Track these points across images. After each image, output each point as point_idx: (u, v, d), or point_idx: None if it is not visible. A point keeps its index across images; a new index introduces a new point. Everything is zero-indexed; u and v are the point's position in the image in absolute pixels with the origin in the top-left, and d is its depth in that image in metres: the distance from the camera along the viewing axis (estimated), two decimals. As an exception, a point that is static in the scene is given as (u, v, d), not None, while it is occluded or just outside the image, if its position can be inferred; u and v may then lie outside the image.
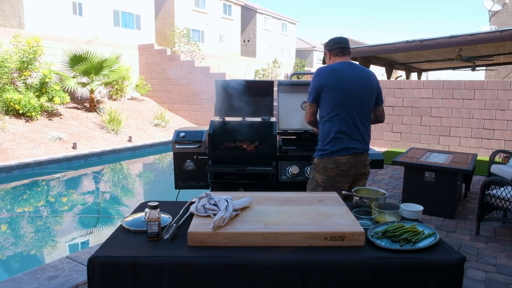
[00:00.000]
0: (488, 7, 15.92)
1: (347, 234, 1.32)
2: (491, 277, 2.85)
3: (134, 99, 13.72)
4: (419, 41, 8.44)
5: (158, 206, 1.36)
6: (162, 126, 12.17)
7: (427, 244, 1.33)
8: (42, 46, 10.31)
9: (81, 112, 11.27)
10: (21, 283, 2.49)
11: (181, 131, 3.11)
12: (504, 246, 3.42)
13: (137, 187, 7.35)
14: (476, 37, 7.84)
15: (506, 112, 7.75)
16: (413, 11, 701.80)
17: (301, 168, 2.78)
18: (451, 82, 8.29)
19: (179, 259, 1.25)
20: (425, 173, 4.17)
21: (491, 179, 3.66)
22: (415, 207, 1.64)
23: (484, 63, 12.17)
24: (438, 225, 3.94)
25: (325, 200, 1.64)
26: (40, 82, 10.03)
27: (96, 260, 1.25)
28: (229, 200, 1.48)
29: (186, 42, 16.59)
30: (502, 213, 3.66)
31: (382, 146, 9.20)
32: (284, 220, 1.41)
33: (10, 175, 7.04)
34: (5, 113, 9.24)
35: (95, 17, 15.95)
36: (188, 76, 13.17)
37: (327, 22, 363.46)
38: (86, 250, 3.10)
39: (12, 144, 8.21)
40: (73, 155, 8.27)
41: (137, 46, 14.38)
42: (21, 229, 4.89)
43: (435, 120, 8.51)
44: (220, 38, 24.94)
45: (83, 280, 2.53)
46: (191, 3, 22.51)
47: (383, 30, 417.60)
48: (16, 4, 13.74)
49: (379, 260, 1.27)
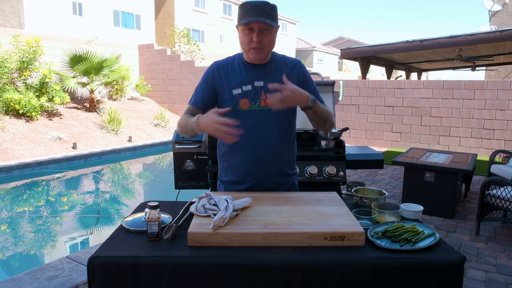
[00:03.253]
0: (488, 7, 15.93)
1: (347, 234, 1.32)
2: (491, 277, 2.86)
3: (134, 99, 13.73)
4: (419, 41, 8.45)
5: (158, 206, 1.36)
6: (162, 126, 12.17)
7: (427, 244, 1.33)
8: (42, 46, 10.31)
9: (81, 112, 11.27)
10: (21, 283, 2.50)
11: (181, 131, 3.11)
12: (504, 246, 3.43)
13: (137, 187, 7.35)
14: (476, 37, 7.85)
15: (506, 112, 7.75)
16: (413, 11, 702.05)
17: (301, 168, 2.78)
18: (451, 82, 8.29)
19: (179, 259, 1.25)
20: (425, 173, 4.18)
21: (491, 179, 3.67)
22: (415, 207, 1.64)
23: (484, 63, 12.17)
24: (438, 225, 3.94)
25: (325, 200, 1.64)
26: (40, 82, 10.04)
27: (96, 260, 1.25)
28: (229, 200, 1.48)
29: (186, 42, 16.59)
30: (502, 213, 3.67)
31: (382, 146, 9.21)
32: (284, 220, 1.41)
33: (10, 175, 7.04)
34: (5, 113, 9.24)
35: (95, 17, 15.95)
36: (188, 76, 13.17)
37: (327, 22, 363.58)
38: (86, 250, 3.10)
39: (12, 144, 8.22)
40: (73, 155, 8.27)
41: (137, 46, 14.38)
42: (21, 229, 4.89)
43: (435, 120, 8.52)
44: (220, 38, 24.95)
45: (83, 280, 2.53)
46: (191, 3, 22.51)
47: (383, 30, 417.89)
48: (16, 4, 13.74)
49: (379, 260, 1.27)
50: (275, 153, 1.72)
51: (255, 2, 1.56)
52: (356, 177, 6.10)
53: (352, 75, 28.60)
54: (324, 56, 38.57)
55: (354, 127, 9.46)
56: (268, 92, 1.60)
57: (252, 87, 1.68)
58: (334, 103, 3.18)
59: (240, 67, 1.70)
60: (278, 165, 1.76)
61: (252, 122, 1.67)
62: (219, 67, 1.72)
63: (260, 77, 1.68)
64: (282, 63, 1.74)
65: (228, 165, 1.79)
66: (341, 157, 2.72)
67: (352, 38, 43.24)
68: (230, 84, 1.68)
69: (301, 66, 1.78)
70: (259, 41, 1.57)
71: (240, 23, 1.58)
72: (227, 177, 1.81)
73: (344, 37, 43.89)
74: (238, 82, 1.68)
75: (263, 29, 1.56)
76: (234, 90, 1.68)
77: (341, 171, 2.67)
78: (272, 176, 1.76)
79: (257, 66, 1.70)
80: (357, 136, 9.51)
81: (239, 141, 1.54)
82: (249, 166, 1.73)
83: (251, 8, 1.55)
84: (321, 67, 35.00)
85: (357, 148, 3.55)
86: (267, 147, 1.69)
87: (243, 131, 1.55)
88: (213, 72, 1.72)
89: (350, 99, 9.45)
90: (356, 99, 9.41)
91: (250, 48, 1.60)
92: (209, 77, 1.72)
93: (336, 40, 44.01)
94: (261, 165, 1.72)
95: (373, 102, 9.23)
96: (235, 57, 1.75)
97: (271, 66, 1.70)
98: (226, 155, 1.78)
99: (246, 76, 1.68)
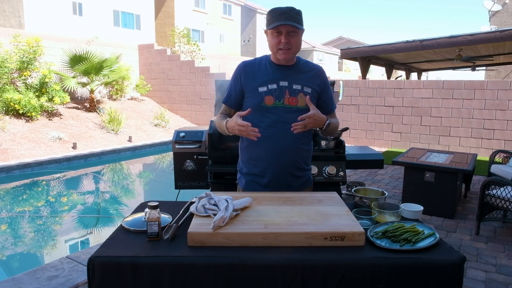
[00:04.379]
0: (488, 7, 15.93)
1: (347, 234, 1.32)
2: (491, 277, 2.85)
3: (134, 99, 13.72)
4: (419, 41, 8.45)
5: (158, 206, 1.36)
6: (162, 126, 12.17)
7: (427, 244, 1.33)
8: (42, 46, 10.31)
9: (81, 112, 11.27)
10: (21, 283, 2.50)
11: (181, 131, 3.11)
12: (504, 246, 3.43)
13: (137, 187, 7.35)
14: (476, 37, 7.85)
15: (506, 112, 7.75)
16: (413, 11, 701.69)
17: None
18: (451, 82, 8.29)
19: (179, 259, 1.26)
20: (425, 173, 4.17)
21: (491, 179, 3.66)
22: (415, 207, 1.64)
23: (484, 63, 12.17)
24: (438, 225, 3.94)
25: (325, 200, 1.64)
26: (40, 82, 10.03)
27: (96, 260, 1.25)
28: (229, 200, 1.48)
29: (186, 42, 16.58)
30: (502, 213, 3.66)
31: (382, 146, 9.21)
32: (284, 220, 1.41)
33: (10, 175, 7.04)
34: (5, 113, 9.24)
35: (95, 17, 15.95)
36: (188, 76, 13.17)
37: (327, 22, 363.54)
38: (86, 250, 3.10)
39: (12, 144, 8.22)
40: (73, 155, 8.27)
41: (137, 46, 14.37)
42: (21, 229, 4.89)
43: (435, 120, 8.52)
44: (220, 38, 24.94)
45: (83, 280, 2.53)
46: (191, 3, 22.50)
47: (383, 30, 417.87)
48: (16, 4, 13.75)
49: (379, 260, 1.27)
50: (295, 148, 1.84)
51: (282, 8, 1.71)
52: (356, 177, 6.10)
53: (352, 75, 28.60)
54: (324, 56, 38.57)
55: (354, 127, 9.46)
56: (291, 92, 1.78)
57: (278, 86, 1.80)
58: (334, 103, 3.18)
59: (267, 67, 1.84)
60: (296, 160, 1.87)
61: (275, 118, 1.80)
62: (246, 66, 1.87)
63: (285, 77, 1.81)
64: (306, 66, 1.87)
65: (250, 157, 1.90)
66: (341, 157, 2.72)
67: (352, 38, 43.21)
68: (256, 82, 1.81)
69: (323, 72, 1.92)
70: (287, 42, 1.71)
71: (269, 27, 1.72)
72: (248, 169, 1.91)
73: (344, 37, 43.88)
74: (265, 80, 1.81)
75: (290, 32, 1.71)
76: (260, 88, 1.80)
77: (341, 171, 2.67)
78: (291, 169, 1.87)
79: (283, 67, 1.82)
80: (357, 136, 9.51)
81: (262, 135, 1.69)
82: (271, 158, 1.83)
83: (279, 14, 1.69)
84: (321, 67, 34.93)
85: (357, 148, 3.55)
86: (287, 142, 1.80)
87: (263, 129, 1.73)
88: (240, 71, 1.86)
89: (350, 99, 9.45)
90: (356, 99, 9.41)
91: (278, 49, 1.74)
92: (237, 77, 1.87)
93: (336, 40, 43.99)
94: (282, 157, 1.83)
95: (373, 102, 9.23)
96: (263, 58, 1.90)
97: (295, 68, 1.83)
98: (248, 148, 1.89)
99: (272, 75, 1.81)
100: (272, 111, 1.80)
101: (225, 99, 1.92)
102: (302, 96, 1.80)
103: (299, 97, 1.80)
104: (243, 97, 1.87)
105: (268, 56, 1.88)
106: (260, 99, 1.80)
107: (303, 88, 1.81)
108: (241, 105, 1.89)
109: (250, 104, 1.81)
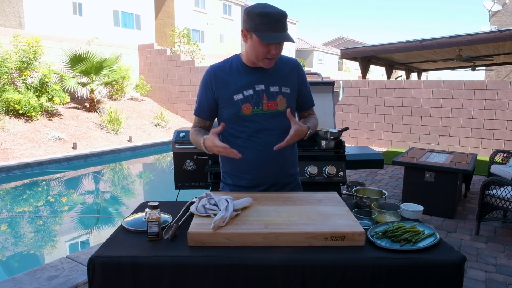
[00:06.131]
0: (488, 7, 15.93)
1: (347, 234, 1.32)
2: (491, 277, 2.86)
3: (134, 99, 13.73)
4: (419, 41, 8.45)
5: (158, 206, 1.36)
6: (162, 126, 12.17)
7: (427, 244, 1.33)
8: (42, 46, 10.31)
9: (81, 112, 11.27)
10: (21, 283, 2.50)
11: (181, 131, 3.11)
12: (504, 246, 3.43)
13: (137, 187, 7.35)
14: (476, 37, 7.85)
15: (506, 112, 7.75)
16: (413, 11, 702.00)
17: (301, 168, 2.78)
18: (451, 82, 8.29)
19: (179, 259, 1.25)
20: (425, 173, 4.18)
21: (491, 179, 3.67)
22: (415, 207, 1.64)
23: (484, 63, 12.18)
24: (438, 225, 3.94)
25: (325, 200, 1.64)
26: (40, 82, 10.04)
27: (96, 260, 1.25)
28: (229, 200, 1.48)
29: (186, 42, 16.58)
30: (502, 213, 3.67)
31: (382, 146, 9.21)
32: (284, 220, 1.41)
33: (10, 175, 7.04)
34: (5, 113, 9.24)
35: (95, 17, 15.96)
36: (188, 76, 13.17)
37: (327, 22, 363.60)
38: (86, 250, 3.10)
39: (12, 144, 8.22)
40: (73, 155, 8.27)
41: (137, 46, 14.37)
42: (21, 229, 4.89)
43: (435, 120, 8.52)
44: (220, 38, 24.95)
45: (83, 280, 2.53)
46: (191, 3, 22.51)
47: (383, 30, 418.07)
48: (16, 4, 13.75)
49: (379, 260, 1.27)
50: (280, 155, 1.71)
51: (277, 15, 1.49)
52: (356, 177, 6.10)
53: (352, 75, 28.60)
54: (324, 56, 38.57)
55: (354, 127, 9.46)
56: (269, 95, 1.65)
57: (254, 91, 1.64)
58: (334, 103, 3.18)
59: (240, 71, 1.66)
60: (283, 166, 1.77)
61: (255, 127, 1.65)
62: (216, 71, 1.67)
63: (260, 80, 1.65)
64: (280, 63, 1.69)
65: (233, 169, 1.76)
66: (341, 157, 2.72)
67: (352, 38, 43.23)
68: (230, 89, 1.64)
69: (299, 67, 1.76)
70: (277, 53, 1.56)
71: (263, 38, 1.49)
72: (233, 181, 1.78)
73: (344, 37, 43.89)
74: (239, 86, 1.64)
75: (281, 42, 1.54)
76: (236, 96, 1.64)
77: (341, 171, 2.67)
78: (279, 177, 1.76)
79: (256, 68, 1.65)
80: (357, 136, 9.51)
81: (245, 146, 1.62)
82: (257, 170, 1.71)
83: (275, 22, 1.49)
84: (321, 67, 34.99)
85: (357, 148, 3.55)
86: (272, 150, 1.64)
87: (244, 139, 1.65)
88: (210, 78, 1.67)
89: (350, 99, 9.45)
90: (356, 99, 9.41)
91: (264, 58, 1.57)
92: (207, 85, 1.67)
93: (336, 40, 44.00)
94: (268, 167, 1.72)
95: (373, 102, 9.23)
96: (233, 59, 1.69)
97: (270, 68, 1.64)
98: (230, 160, 1.71)
99: (247, 80, 1.64)
100: (252, 119, 1.64)
101: (196, 111, 1.72)
102: (281, 98, 1.66)
103: (278, 99, 1.66)
104: (217, 107, 1.69)
105: (238, 56, 1.69)
106: (236, 108, 1.63)
107: (281, 90, 1.67)
108: (216, 115, 1.72)
109: (226, 115, 1.66)
